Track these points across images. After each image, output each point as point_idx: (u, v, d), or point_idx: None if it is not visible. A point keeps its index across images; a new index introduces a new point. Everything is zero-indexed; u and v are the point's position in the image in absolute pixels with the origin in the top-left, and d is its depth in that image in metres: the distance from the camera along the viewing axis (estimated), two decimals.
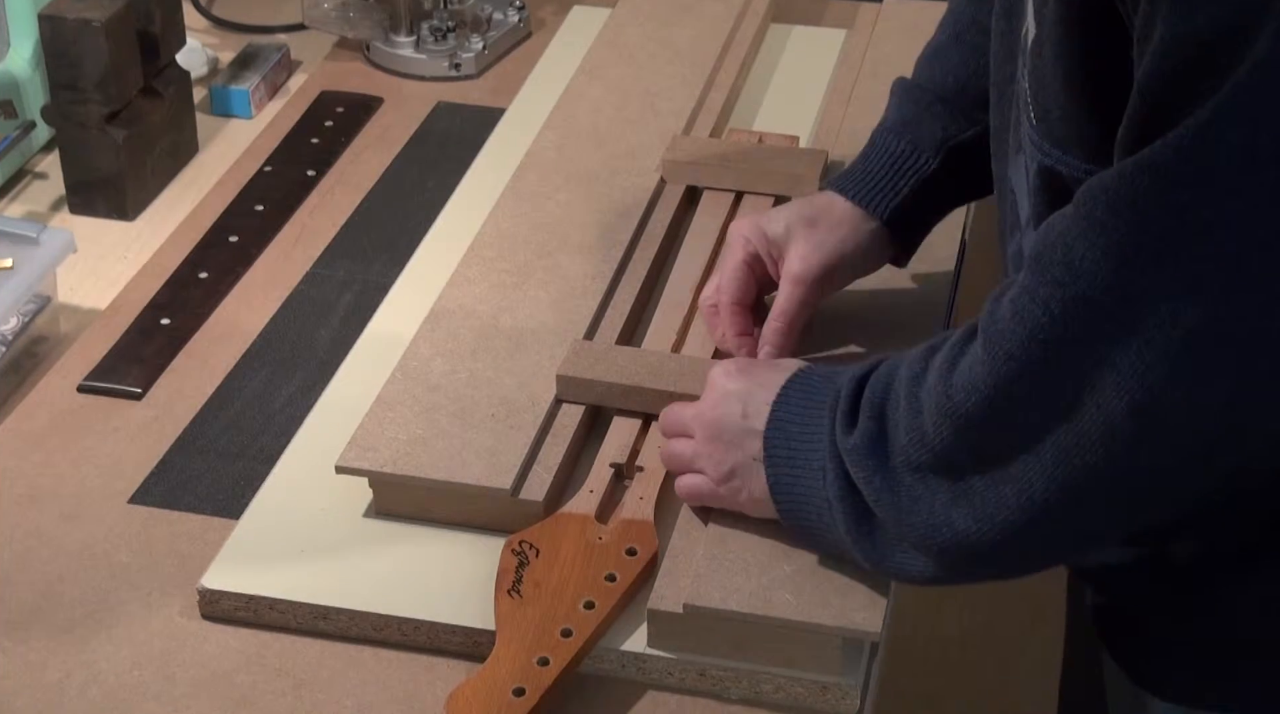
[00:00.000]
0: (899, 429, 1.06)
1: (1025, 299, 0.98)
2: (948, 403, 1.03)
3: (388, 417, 1.27)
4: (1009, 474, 1.01)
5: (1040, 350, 0.98)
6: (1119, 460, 0.97)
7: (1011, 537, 1.02)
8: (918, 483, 1.05)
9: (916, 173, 1.32)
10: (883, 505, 1.07)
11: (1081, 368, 0.96)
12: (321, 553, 1.21)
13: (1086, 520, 1.02)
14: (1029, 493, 1.00)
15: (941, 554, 1.05)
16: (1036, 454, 0.99)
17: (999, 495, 1.01)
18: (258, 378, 1.41)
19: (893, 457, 1.06)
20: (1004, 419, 1.00)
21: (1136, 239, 0.93)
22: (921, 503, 1.05)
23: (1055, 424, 0.98)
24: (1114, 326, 0.95)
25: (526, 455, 1.23)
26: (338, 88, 1.79)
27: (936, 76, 1.33)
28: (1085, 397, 0.96)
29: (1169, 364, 0.94)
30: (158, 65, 1.62)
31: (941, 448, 1.03)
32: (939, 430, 1.03)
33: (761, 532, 1.17)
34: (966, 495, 1.03)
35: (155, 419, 1.36)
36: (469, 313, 1.37)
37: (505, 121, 1.71)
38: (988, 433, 1.01)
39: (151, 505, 1.28)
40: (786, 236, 1.32)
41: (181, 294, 1.49)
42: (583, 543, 1.18)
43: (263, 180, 1.64)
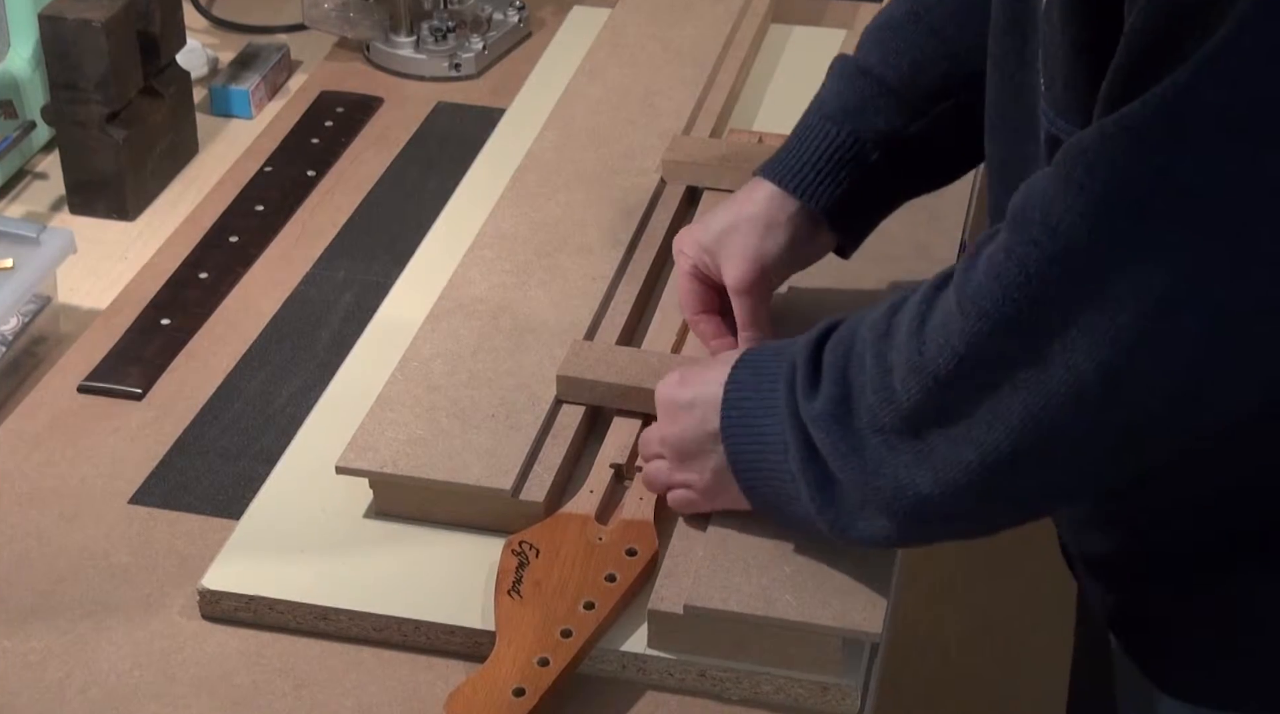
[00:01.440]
0: (865, 391, 1.05)
1: (1002, 257, 0.97)
2: (919, 360, 1.02)
3: (388, 417, 1.27)
4: (973, 436, 1.00)
5: (1014, 309, 0.97)
6: (1085, 422, 0.97)
7: (973, 497, 1.02)
8: (882, 445, 1.04)
9: (858, 165, 1.28)
10: (847, 470, 1.06)
11: (1054, 328, 0.95)
12: (322, 553, 1.21)
13: (1049, 481, 1.01)
14: (995, 454, 0.99)
15: (903, 516, 1.05)
16: (1003, 415, 0.98)
17: (961, 457, 1.01)
18: (258, 378, 1.41)
19: (858, 419, 1.05)
20: (974, 377, 1.00)
21: (1113, 199, 0.92)
22: (885, 465, 1.04)
23: (1024, 384, 0.97)
24: (1088, 287, 0.94)
25: (527, 456, 1.23)
26: (338, 88, 1.79)
27: (889, 59, 1.28)
28: (1056, 357, 0.96)
29: (1140, 326, 0.93)
30: (158, 65, 1.62)
31: (910, 407, 1.02)
32: (907, 388, 1.02)
33: (762, 532, 1.17)
34: (929, 457, 1.02)
35: (155, 419, 1.37)
36: (469, 313, 1.37)
37: (505, 122, 1.71)
38: (957, 391, 1.00)
39: (152, 506, 1.28)
40: (716, 246, 1.30)
41: (182, 294, 1.49)
42: (583, 543, 1.18)
43: (263, 180, 1.64)
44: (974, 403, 1.00)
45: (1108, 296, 0.93)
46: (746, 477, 1.14)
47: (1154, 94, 0.90)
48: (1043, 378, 0.97)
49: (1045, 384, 0.97)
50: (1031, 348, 0.97)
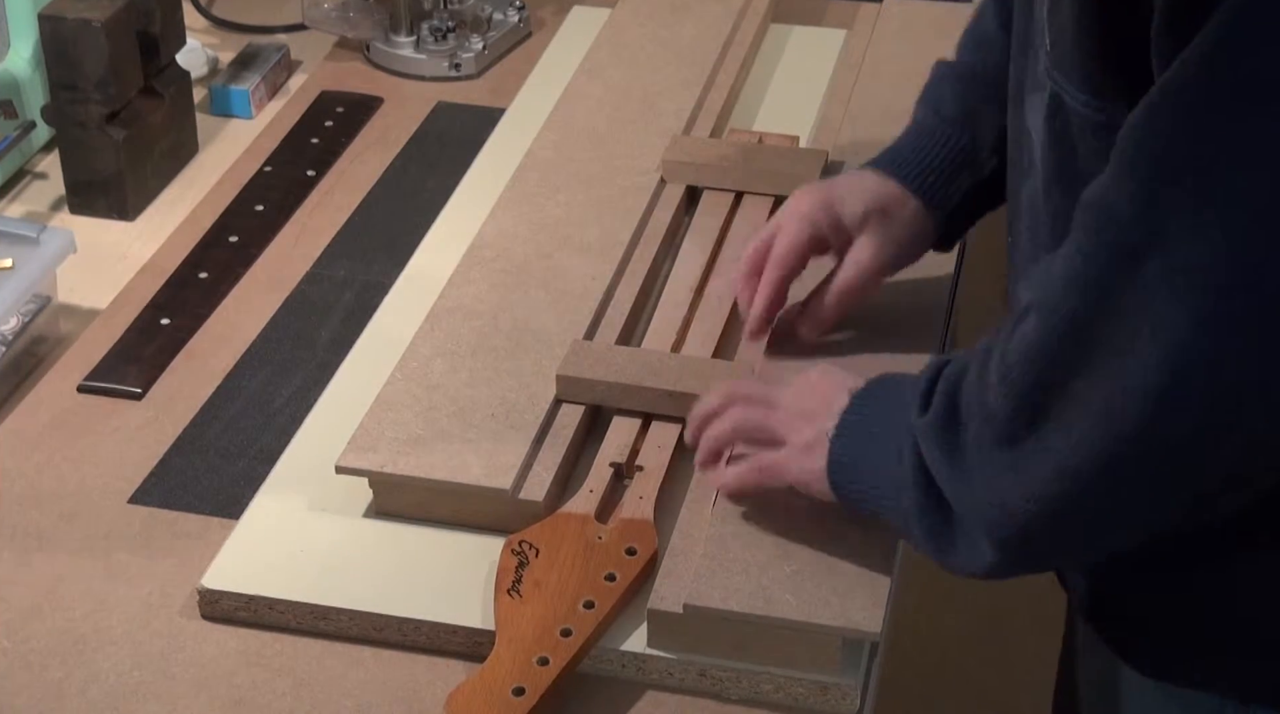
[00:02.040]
0: (971, 407, 1.04)
1: (1070, 250, 0.96)
2: (1004, 369, 1.01)
3: (387, 417, 1.27)
4: (1052, 445, 0.98)
5: (1079, 299, 0.95)
6: (1148, 424, 0.94)
7: (1052, 514, 1.00)
8: (982, 461, 1.03)
9: (975, 170, 1.29)
10: (948, 485, 1.05)
11: (1118, 316, 0.94)
12: (321, 553, 1.21)
13: (1122, 496, 0.99)
14: (1067, 464, 0.98)
15: (998, 535, 1.03)
16: (1076, 423, 0.97)
17: (1042, 469, 0.99)
18: (257, 378, 1.41)
19: (963, 434, 1.04)
20: (1049, 380, 0.98)
21: (1161, 172, 0.90)
22: (979, 482, 1.03)
23: (1094, 384, 0.96)
24: (1145, 270, 0.92)
25: (526, 455, 1.24)
26: (338, 88, 1.79)
27: (989, 63, 1.28)
28: (1124, 349, 0.94)
29: (1195, 311, 0.91)
30: (158, 65, 1.63)
31: (1001, 418, 1.01)
32: (1000, 402, 1.01)
33: (762, 532, 1.17)
34: (1017, 470, 1.01)
35: (155, 419, 1.37)
36: (469, 313, 1.37)
37: (505, 122, 1.71)
38: (1036, 398, 0.99)
39: (151, 505, 1.28)
40: (860, 225, 1.29)
41: (181, 294, 1.49)
42: (582, 543, 1.18)
43: (262, 180, 1.64)
44: (1054, 412, 0.99)
45: (1164, 281, 0.91)
46: (846, 470, 1.12)
47: (1188, 53, 0.88)
48: (1109, 376, 0.95)
49: (1112, 382, 0.95)
50: (1100, 341, 0.95)
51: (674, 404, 1.28)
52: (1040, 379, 0.99)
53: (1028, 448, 1.00)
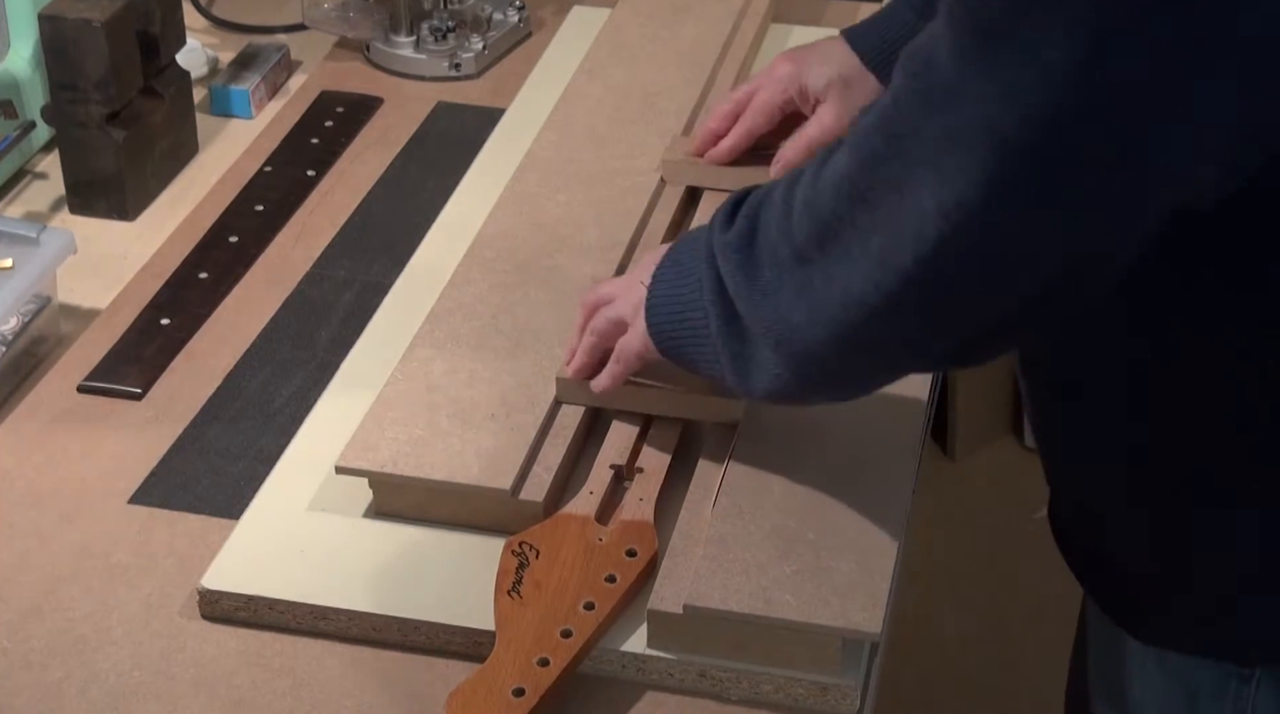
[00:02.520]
0: (770, 227, 1.08)
1: (888, 93, 0.99)
2: (811, 194, 1.04)
3: (387, 417, 1.27)
4: (840, 271, 1.02)
5: (881, 139, 0.98)
6: (926, 268, 0.97)
7: (836, 336, 1.04)
8: (774, 278, 1.07)
9: None
10: (741, 298, 1.10)
11: (910, 162, 0.96)
12: (321, 553, 1.21)
13: (894, 329, 1.02)
14: (851, 291, 1.01)
15: (786, 354, 1.08)
16: (864, 251, 1.00)
17: (829, 291, 1.03)
18: (258, 378, 1.41)
19: (759, 252, 1.09)
20: (844, 211, 1.01)
21: (972, 24, 0.92)
22: (770, 297, 1.07)
23: (881, 220, 0.98)
24: (943, 119, 0.94)
25: (526, 456, 1.24)
26: (338, 88, 1.80)
27: None
28: (908, 193, 0.96)
29: (982, 168, 0.92)
30: (158, 65, 1.63)
31: (800, 241, 1.05)
32: (800, 224, 1.05)
33: (762, 532, 1.17)
34: (807, 291, 1.05)
35: (155, 419, 1.37)
36: (469, 313, 1.38)
37: (505, 122, 1.71)
38: (832, 226, 1.02)
39: (151, 506, 1.29)
40: (824, 91, 1.47)
41: (181, 294, 1.49)
42: (583, 544, 1.18)
43: (263, 180, 1.65)
44: (845, 240, 1.02)
45: (958, 134, 0.93)
46: (662, 313, 1.17)
47: None
48: (895, 215, 0.98)
49: (896, 222, 0.97)
50: (889, 183, 0.98)
51: (675, 405, 1.28)
52: (837, 208, 1.02)
53: (817, 270, 1.04)
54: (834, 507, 1.19)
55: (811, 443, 1.25)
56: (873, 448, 1.25)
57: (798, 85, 1.48)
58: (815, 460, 1.23)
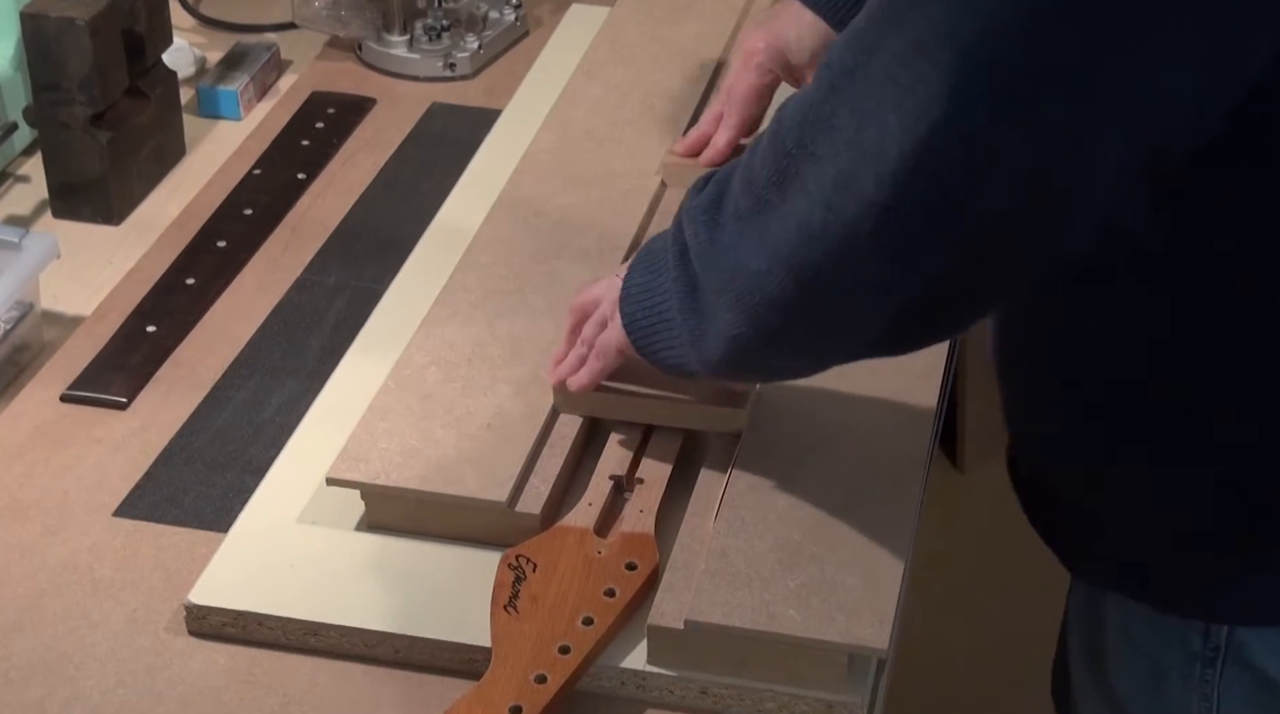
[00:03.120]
0: (735, 183, 1.09)
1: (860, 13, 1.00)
2: (774, 127, 1.05)
3: (380, 427, 1.27)
4: (799, 205, 1.02)
5: (845, 58, 0.99)
6: (885, 189, 0.96)
7: (796, 278, 1.03)
8: (735, 231, 1.08)
9: None
10: (702, 258, 1.10)
11: (872, 79, 0.97)
12: (312, 567, 1.21)
13: (862, 265, 1.01)
14: (810, 226, 1.01)
15: (742, 303, 1.07)
16: (821, 181, 1.00)
17: (786, 231, 1.03)
18: (246, 387, 1.41)
19: (724, 211, 1.09)
20: (805, 139, 1.01)
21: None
22: (730, 250, 1.08)
23: (841, 144, 0.98)
24: (904, 35, 0.95)
25: (523, 467, 1.24)
26: (329, 88, 1.80)
27: None
28: (868, 111, 0.97)
29: (940, 77, 0.93)
30: (144, 65, 1.63)
31: (760, 183, 1.05)
32: (762, 168, 1.05)
33: (766, 546, 1.17)
34: (765, 235, 1.05)
35: (141, 430, 1.37)
36: (464, 320, 1.38)
37: (501, 123, 1.71)
38: (793, 160, 1.02)
39: (137, 518, 1.29)
40: (811, 62, 1.49)
41: (168, 301, 1.49)
42: (581, 557, 1.18)
43: (252, 183, 1.65)
44: (804, 171, 1.02)
45: (923, 40, 0.94)
46: (634, 304, 1.18)
47: None
48: (854, 141, 0.98)
49: (855, 147, 0.98)
50: (850, 106, 0.98)
51: (675, 415, 1.28)
52: (800, 137, 1.02)
53: (775, 211, 1.04)
54: (840, 519, 1.19)
55: (816, 454, 1.25)
56: (880, 459, 1.25)
57: (781, 63, 1.50)
58: (820, 472, 1.23)
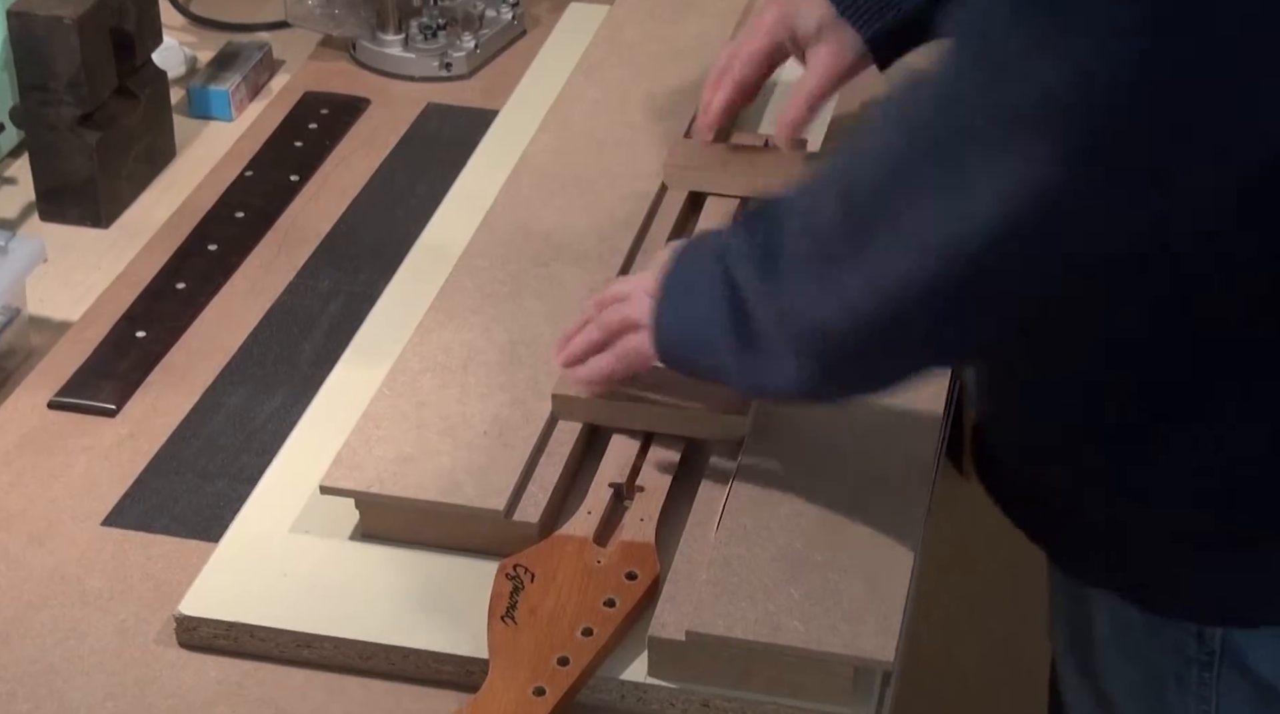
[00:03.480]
0: (791, 225, 1.09)
1: (944, 66, 0.99)
2: (845, 181, 1.05)
3: (375, 434, 1.27)
4: (875, 260, 1.02)
5: (931, 120, 0.99)
6: (982, 248, 0.97)
7: (869, 330, 1.05)
8: (796, 275, 1.08)
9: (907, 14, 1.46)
10: (759, 300, 1.10)
11: (966, 139, 0.96)
12: (305, 577, 1.21)
13: (942, 317, 1.02)
14: (887, 280, 1.01)
15: (808, 353, 1.08)
16: (903, 237, 1.00)
17: (860, 284, 1.03)
18: (238, 394, 1.41)
19: (781, 256, 1.09)
20: (884, 200, 1.01)
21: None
22: (797, 295, 1.08)
23: (926, 202, 0.98)
24: (1003, 96, 0.94)
25: (521, 475, 1.24)
26: (322, 88, 1.80)
27: None
28: (960, 172, 0.96)
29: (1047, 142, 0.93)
30: (133, 65, 1.63)
31: (828, 236, 1.05)
32: (830, 215, 1.05)
33: (769, 555, 1.17)
34: (834, 285, 1.05)
35: (130, 437, 1.37)
36: (461, 325, 1.38)
37: (498, 124, 1.71)
38: (867, 215, 1.02)
39: (126, 528, 1.28)
40: (817, 36, 1.48)
41: (158, 305, 1.49)
42: (580, 566, 1.18)
43: (243, 185, 1.65)
44: (880, 223, 1.01)
45: (1026, 103, 0.93)
46: (668, 324, 1.18)
47: None
48: (950, 192, 0.97)
49: (950, 199, 0.97)
50: (944, 159, 0.97)
51: (676, 421, 1.28)
52: (878, 191, 1.02)
53: (846, 263, 1.04)
54: (844, 528, 1.19)
55: (820, 461, 1.25)
56: (885, 466, 1.25)
57: (787, 29, 1.50)
58: (824, 479, 1.23)
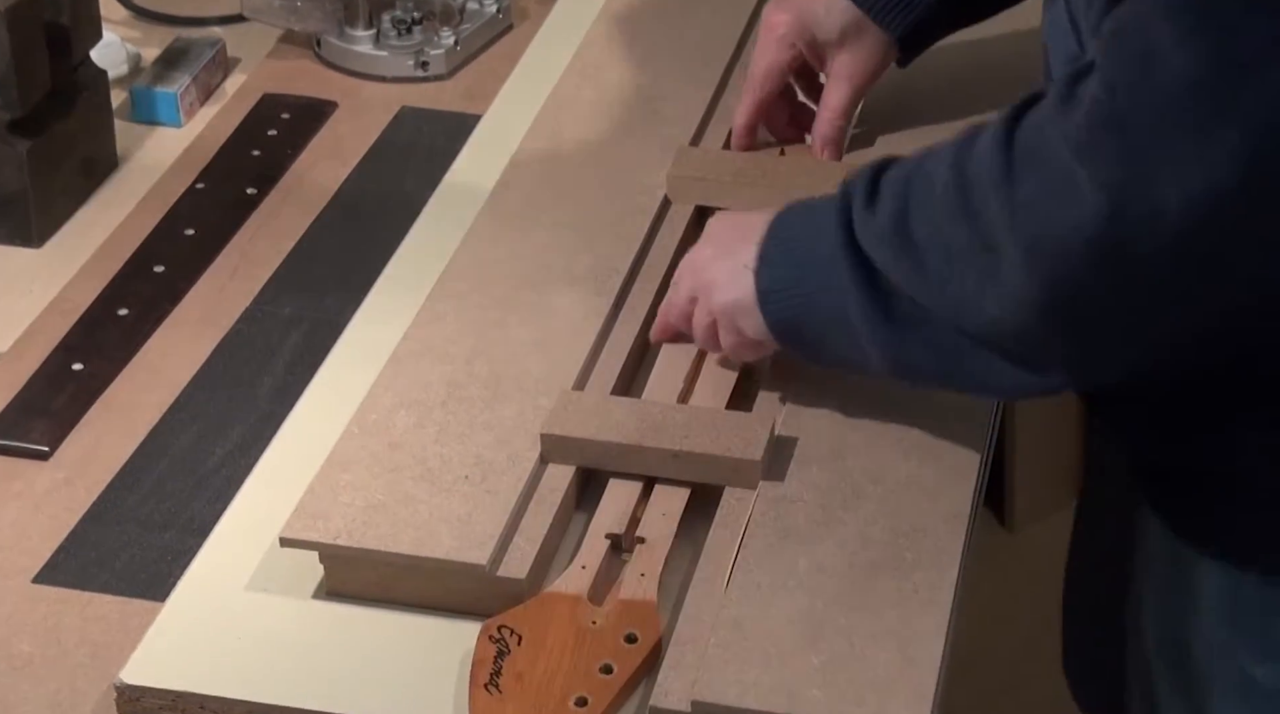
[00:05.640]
0: (930, 205, 1.18)
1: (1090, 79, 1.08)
2: (1003, 177, 1.12)
3: (342, 479, 1.27)
4: (1039, 258, 1.11)
5: (1098, 134, 1.06)
6: (1163, 248, 1.06)
7: (1036, 322, 1.14)
8: (948, 261, 1.17)
9: None
10: (911, 283, 1.20)
11: (1140, 150, 1.05)
12: (262, 641, 1.21)
13: (1115, 313, 1.12)
14: (1058, 278, 1.11)
15: (970, 332, 1.19)
16: (1077, 232, 1.09)
17: (1026, 278, 1.12)
18: (187, 434, 1.41)
19: (917, 232, 1.18)
20: (1062, 203, 1.09)
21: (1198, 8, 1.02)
22: (946, 284, 1.17)
23: (1102, 202, 1.07)
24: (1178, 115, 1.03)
25: (506, 525, 1.24)
26: (283, 90, 1.80)
27: None
28: (1138, 180, 1.06)
29: (1230, 156, 1.03)
30: (69, 63, 1.63)
31: (985, 224, 1.14)
32: (987, 205, 1.14)
33: (785, 615, 1.17)
34: (995, 278, 1.14)
35: (65, 482, 1.37)
36: (439, 356, 1.38)
37: (481, 130, 1.71)
38: (1031, 208, 1.11)
39: (60, 585, 1.29)
40: (840, 42, 1.55)
41: (97, 334, 1.50)
42: (573, 628, 1.18)
43: (194, 199, 1.65)
44: (1053, 222, 1.10)
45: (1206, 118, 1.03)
46: (779, 300, 1.27)
47: None
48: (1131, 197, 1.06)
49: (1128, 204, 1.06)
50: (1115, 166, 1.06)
51: (681, 466, 1.28)
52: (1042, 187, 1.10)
53: (1006, 256, 1.12)
54: (870, 586, 1.19)
55: (843, 509, 1.25)
56: (916, 516, 1.25)
57: (803, 37, 1.55)
58: (847, 530, 1.24)
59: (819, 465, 1.29)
